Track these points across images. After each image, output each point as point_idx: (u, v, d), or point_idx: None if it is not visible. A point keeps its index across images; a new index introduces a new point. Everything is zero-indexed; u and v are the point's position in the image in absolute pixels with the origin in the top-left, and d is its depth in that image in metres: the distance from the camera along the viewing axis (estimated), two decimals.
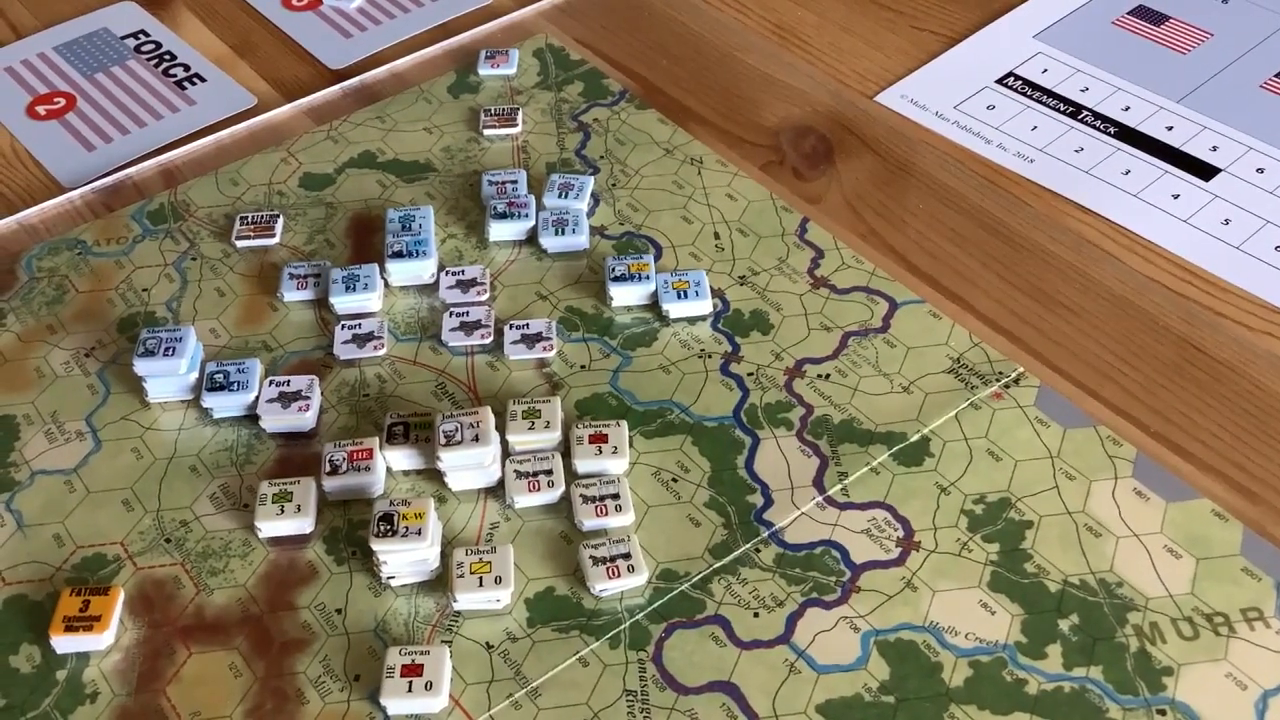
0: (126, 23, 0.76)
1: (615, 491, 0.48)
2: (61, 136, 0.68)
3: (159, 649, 0.45)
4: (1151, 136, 0.65)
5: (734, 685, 0.43)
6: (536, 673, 0.44)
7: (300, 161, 0.65)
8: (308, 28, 0.75)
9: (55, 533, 0.49)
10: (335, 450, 0.49)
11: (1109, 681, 0.43)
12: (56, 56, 0.73)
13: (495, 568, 0.46)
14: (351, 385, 0.54)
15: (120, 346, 0.56)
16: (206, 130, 0.68)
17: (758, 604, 0.46)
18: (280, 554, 0.48)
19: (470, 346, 0.55)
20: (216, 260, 0.60)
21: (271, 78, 0.71)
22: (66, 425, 0.53)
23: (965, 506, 0.48)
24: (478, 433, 0.49)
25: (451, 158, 0.65)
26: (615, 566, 0.46)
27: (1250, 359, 0.54)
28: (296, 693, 0.44)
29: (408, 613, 0.46)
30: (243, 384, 0.52)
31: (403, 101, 0.69)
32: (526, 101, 0.68)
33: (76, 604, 0.45)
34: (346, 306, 0.57)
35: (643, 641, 0.45)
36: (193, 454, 0.51)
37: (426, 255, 0.58)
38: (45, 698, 0.44)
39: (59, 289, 0.59)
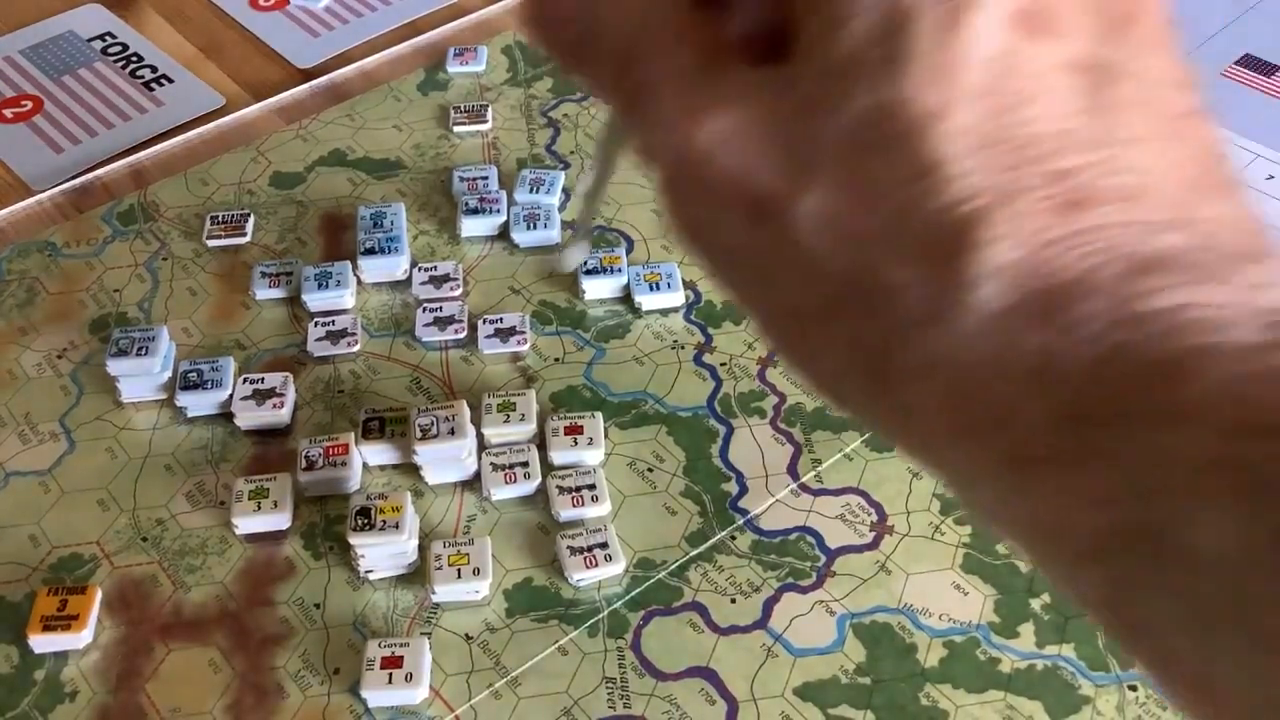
0: (92, 25, 0.75)
1: (591, 482, 0.49)
2: (29, 139, 0.67)
3: (137, 647, 0.45)
4: None
5: (712, 670, 0.44)
6: (516, 662, 0.44)
7: (270, 160, 0.65)
8: (275, 27, 0.75)
9: (31, 533, 0.49)
10: (311, 446, 0.49)
11: (1081, 659, 0.44)
12: (23, 60, 0.73)
13: (473, 559, 0.46)
14: (326, 382, 0.54)
15: (93, 347, 0.56)
16: (175, 131, 0.68)
17: (734, 590, 0.46)
18: (257, 550, 0.48)
19: (444, 341, 0.55)
20: (188, 260, 0.60)
21: (240, 78, 0.71)
22: (40, 426, 0.53)
23: (937, 490, 0.49)
24: (453, 426, 0.49)
25: (422, 155, 0.65)
26: (592, 556, 0.46)
27: None
28: (276, 687, 0.44)
29: (387, 606, 0.46)
30: (216, 382, 0.52)
31: (372, 99, 0.69)
32: (496, 98, 0.68)
33: (54, 604, 0.45)
34: (319, 304, 0.57)
35: (621, 629, 0.45)
36: (168, 453, 0.51)
37: (399, 252, 0.58)
38: (24, 697, 0.44)
39: (30, 291, 0.58)
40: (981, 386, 0.22)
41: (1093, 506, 0.21)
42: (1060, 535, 0.22)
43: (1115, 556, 0.21)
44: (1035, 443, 0.22)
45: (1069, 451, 0.21)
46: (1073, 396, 0.21)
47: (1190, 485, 0.20)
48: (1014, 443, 0.22)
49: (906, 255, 0.22)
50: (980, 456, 0.23)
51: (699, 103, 0.25)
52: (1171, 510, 0.20)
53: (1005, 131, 0.22)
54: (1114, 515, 0.21)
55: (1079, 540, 0.22)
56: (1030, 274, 0.22)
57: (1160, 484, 0.20)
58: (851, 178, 0.23)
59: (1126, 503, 0.21)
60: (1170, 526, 0.20)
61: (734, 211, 0.24)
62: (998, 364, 0.22)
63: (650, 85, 0.26)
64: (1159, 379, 0.20)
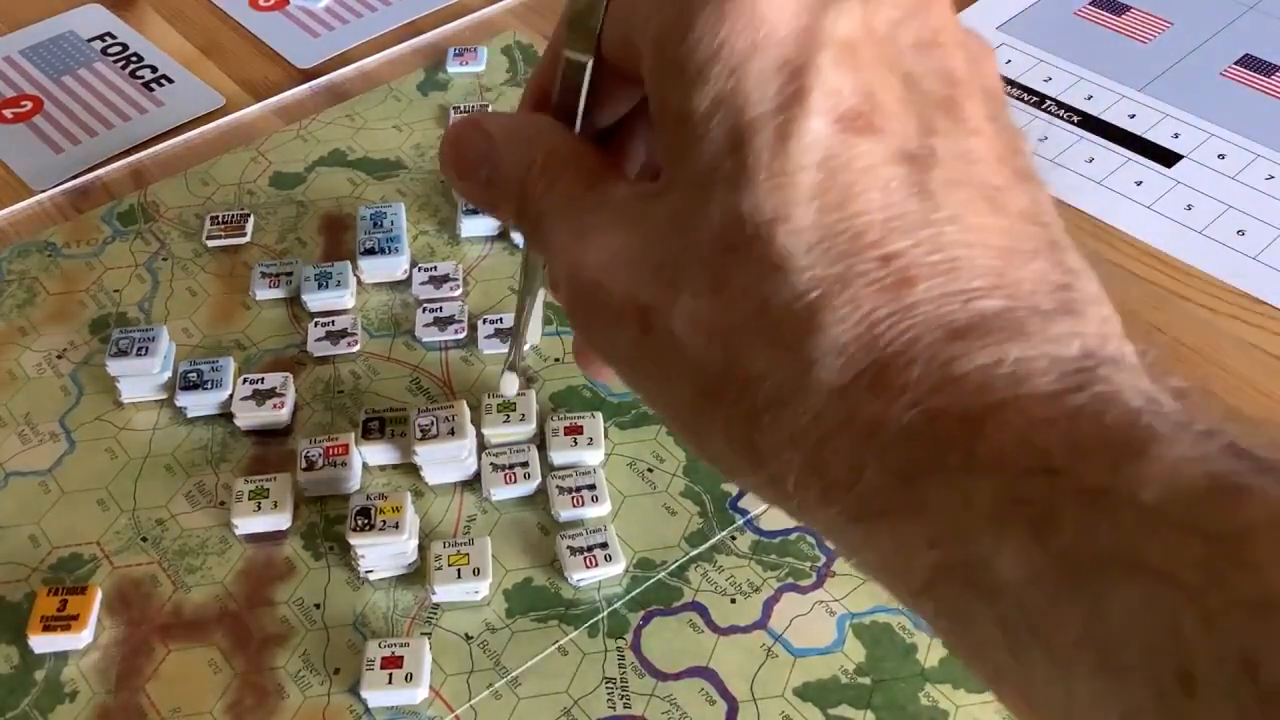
0: (92, 25, 0.75)
1: (591, 482, 0.49)
2: (29, 139, 0.67)
3: (138, 647, 0.45)
4: (1114, 125, 0.66)
5: (712, 670, 0.44)
6: (516, 662, 0.44)
7: (270, 161, 0.65)
8: (275, 27, 0.75)
9: (31, 534, 0.49)
10: (311, 446, 0.50)
11: None
12: (23, 60, 0.73)
13: (473, 559, 0.46)
14: (326, 382, 0.54)
15: (93, 348, 0.56)
16: (175, 131, 0.68)
17: (734, 590, 0.46)
18: (257, 550, 0.48)
19: (444, 341, 0.55)
20: (188, 260, 0.60)
21: (239, 78, 0.71)
22: (40, 427, 0.53)
23: None
24: (453, 426, 0.49)
25: (422, 155, 0.65)
26: (593, 556, 0.46)
27: (1215, 342, 0.55)
28: (276, 687, 0.44)
29: (387, 606, 0.46)
30: (216, 382, 0.52)
31: (372, 100, 0.69)
32: (496, 98, 0.68)
33: (54, 604, 0.45)
34: (319, 304, 0.57)
35: (621, 629, 0.45)
36: (168, 453, 0.51)
37: (399, 252, 0.58)
38: (24, 698, 0.44)
39: (30, 291, 0.58)
40: (832, 455, 0.25)
41: (922, 551, 0.24)
42: (902, 576, 0.25)
43: (944, 591, 0.24)
44: (876, 500, 0.24)
45: (902, 505, 0.24)
46: (901, 457, 0.24)
47: (991, 524, 0.22)
48: (860, 501, 0.25)
49: (764, 344, 0.25)
50: (837, 516, 0.25)
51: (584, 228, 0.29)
52: (980, 547, 0.23)
53: (839, 225, 0.25)
54: (940, 556, 0.23)
55: (914, 579, 0.24)
56: (864, 351, 0.24)
57: (970, 525, 0.23)
58: (714, 281, 0.26)
59: (948, 544, 0.23)
60: (980, 561, 0.23)
61: (626, 325, 0.28)
62: (843, 434, 0.24)
63: (545, 216, 0.30)
64: (966, 434, 0.23)
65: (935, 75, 0.27)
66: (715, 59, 0.26)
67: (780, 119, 0.25)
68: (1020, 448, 0.23)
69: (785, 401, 0.25)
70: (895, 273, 0.24)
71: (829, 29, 0.26)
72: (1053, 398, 0.23)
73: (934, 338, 0.24)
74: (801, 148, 0.25)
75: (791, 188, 0.25)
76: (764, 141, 0.25)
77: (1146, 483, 0.21)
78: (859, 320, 0.24)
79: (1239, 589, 0.19)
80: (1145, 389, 0.23)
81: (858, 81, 0.26)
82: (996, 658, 0.23)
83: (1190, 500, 0.21)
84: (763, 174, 0.25)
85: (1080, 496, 0.22)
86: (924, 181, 0.25)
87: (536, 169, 0.30)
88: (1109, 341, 0.25)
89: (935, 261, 0.25)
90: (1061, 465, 0.22)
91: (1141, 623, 0.20)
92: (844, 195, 0.25)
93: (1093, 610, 0.21)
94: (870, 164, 0.25)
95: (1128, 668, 0.21)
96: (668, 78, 0.27)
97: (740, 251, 0.25)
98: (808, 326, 0.25)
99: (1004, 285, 0.25)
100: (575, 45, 0.30)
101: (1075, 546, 0.21)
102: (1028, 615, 0.22)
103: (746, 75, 0.25)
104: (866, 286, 0.24)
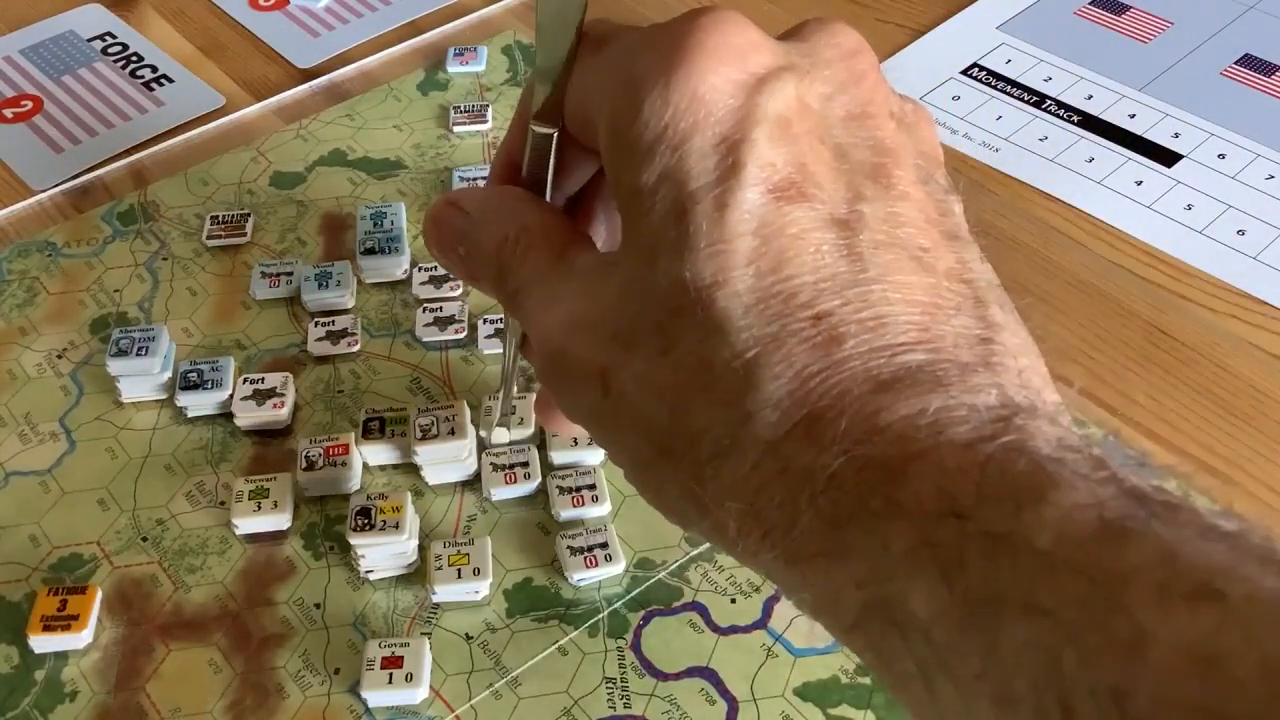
0: (92, 25, 0.75)
1: (591, 482, 0.49)
2: (29, 139, 0.67)
3: (138, 647, 0.45)
4: (1114, 124, 0.66)
5: (712, 670, 0.44)
6: (516, 662, 0.44)
7: (270, 160, 0.65)
8: (275, 27, 0.75)
9: (31, 533, 0.49)
10: (311, 446, 0.49)
11: None
12: (23, 59, 0.73)
13: (473, 559, 0.46)
14: (326, 381, 0.54)
15: (93, 347, 0.56)
16: (175, 131, 0.68)
17: (734, 590, 0.46)
18: (258, 550, 0.48)
19: (444, 341, 0.55)
20: (188, 260, 0.60)
21: (240, 78, 0.71)
22: (40, 426, 0.53)
23: None
24: (453, 426, 0.49)
25: (422, 155, 0.65)
26: (593, 556, 0.46)
27: (1215, 341, 0.55)
28: (277, 687, 0.44)
29: (387, 606, 0.46)
30: (216, 382, 0.52)
31: (372, 99, 0.69)
32: (496, 98, 0.68)
33: (54, 604, 0.45)
34: (319, 303, 0.57)
35: (621, 629, 0.45)
36: (168, 453, 0.51)
37: (399, 252, 0.58)
38: (24, 697, 0.44)
39: (30, 291, 0.58)
40: (769, 504, 0.26)
41: (850, 590, 0.25)
42: (834, 614, 0.26)
43: (868, 628, 0.25)
44: (809, 544, 0.26)
45: (831, 548, 0.25)
46: (830, 503, 0.25)
47: (907, 564, 0.24)
48: (795, 545, 0.26)
49: (707, 401, 0.27)
50: (775, 560, 0.27)
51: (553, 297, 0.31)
52: (897, 586, 0.24)
53: (774, 288, 0.27)
54: (864, 595, 0.25)
55: (845, 617, 0.26)
56: (797, 405, 0.26)
57: (889, 567, 0.24)
58: (663, 344, 0.28)
59: (872, 584, 0.25)
60: (897, 599, 0.24)
61: (589, 387, 0.29)
62: (778, 484, 0.26)
63: (520, 289, 0.32)
64: (887, 481, 0.25)
65: (866, 145, 0.29)
66: (660, 139, 0.28)
67: (718, 190, 0.27)
68: (935, 494, 0.24)
69: (726, 454, 0.27)
70: (825, 330, 0.26)
71: (763, 107, 0.28)
72: (968, 446, 0.24)
73: (861, 390, 0.26)
74: (738, 217, 0.27)
75: (729, 254, 0.27)
76: (704, 212, 0.27)
77: (1043, 527, 0.22)
78: (793, 376, 0.26)
79: (1113, 628, 0.21)
80: (1057, 436, 0.25)
81: (790, 154, 0.28)
82: (914, 690, 0.25)
83: (1079, 544, 0.22)
84: (703, 242, 0.27)
85: (984, 540, 0.23)
86: (853, 244, 0.27)
87: (510, 243, 0.33)
88: (1026, 391, 0.26)
89: (863, 319, 0.26)
90: (969, 510, 0.23)
91: (1030, 657, 0.22)
92: (778, 260, 0.27)
93: (991, 646, 0.22)
94: (802, 230, 0.27)
95: (1018, 698, 0.22)
96: (620, 156, 0.29)
97: (685, 315, 0.27)
98: (746, 383, 0.26)
99: (928, 340, 0.26)
100: (540, 119, 0.33)
101: (977, 587, 0.23)
102: (937, 650, 0.24)
103: (688, 152, 0.28)
104: (799, 344, 0.26)
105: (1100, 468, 0.24)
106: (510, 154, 0.36)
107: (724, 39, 0.29)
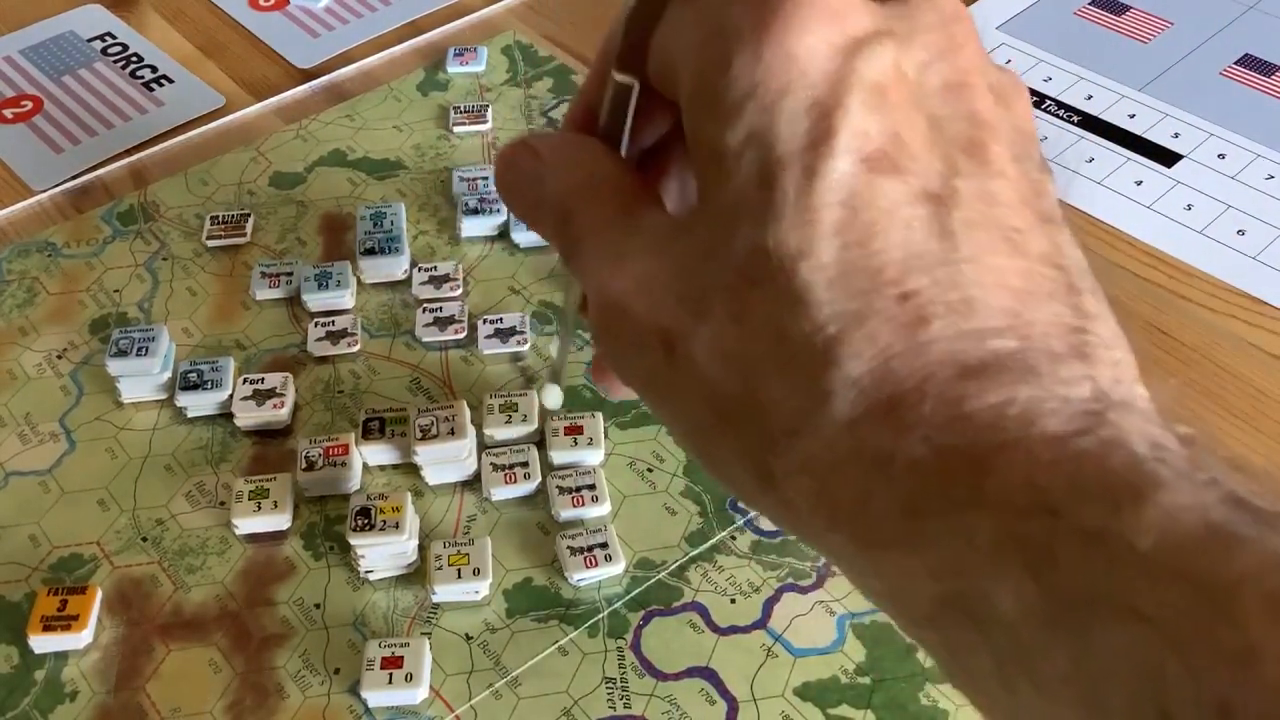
0: (92, 25, 0.75)
1: (591, 482, 0.49)
2: (29, 139, 0.67)
3: (138, 647, 0.45)
4: (1114, 125, 0.66)
5: (712, 670, 0.44)
6: (516, 662, 0.44)
7: (270, 160, 0.65)
8: (275, 27, 0.75)
9: (31, 534, 0.49)
10: (311, 446, 0.49)
11: None
12: (23, 60, 0.73)
13: (473, 559, 0.46)
14: (326, 382, 0.54)
15: (93, 347, 0.56)
16: (175, 131, 0.68)
17: (734, 590, 0.46)
18: (257, 550, 0.48)
19: (444, 342, 0.55)
20: (188, 260, 0.60)
21: (239, 78, 0.71)
22: (40, 426, 0.53)
23: None
24: (453, 426, 0.49)
25: (422, 155, 0.65)
26: (593, 556, 0.46)
27: (1215, 341, 0.55)
28: (276, 687, 0.44)
29: (387, 606, 0.46)
30: (216, 382, 0.52)
31: (372, 100, 0.69)
32: (496, 98, 0.68)
33: (54, 604, 0.45)
34: (319, 304, 0.57)
35: (621, 629, 0.45)
36: (168, 453, 0.51)
37: (399, 252, 0.58)
38: (24, 697, 0.44)
39: (30, 291, 0.58)
40: (842, 484, 0.25)
41: (926, 582, 0.24)
42: (905, 605, 0.26)
43: (944, 622, 0.25)
44: (883, 530, 0.25)
45: (908, 537, 0.25)
46: (908, 490, 0.24)
47: (990, 560, 0.23)
48: (868, 530, 0.25)
49: (781, 374, 0.26)
50: (845, 543, 0.26)
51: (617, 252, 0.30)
52: (979, 582, 0.23)
53: (859, 263, 0.26)
54: (941, 588, 0.24)
55: (917, 608, 0.25)
56: (878, 386, 0.25)
57: (971, 560, 0.24)
58: (737, 310, 0.27)
59: (949, 577, 0.24)
60: (978, 595, 0.23)
61: (649, 348, 0.29)
62: (853, 465, 0.25)
63: (582, 238, 0.31)
64: (972, 472, 0.24)
65: (962, 117, 0.28)
66: (749, 97, 0.26)
67: (808, 157, 0.26)
68: (1024, 488, 0.23)
69: (799, 430, 0.26)
70: (911, 310, 0.25)
71: (859, 72, 0.26)
72: (1059, 440, 0.23)
73: (947, 375, 0.25)
74: (827, 186, 0.26)
75: (816, 224, 0.26)
76: (791, 178, 0.26)
77: (1143, 528, 0.21)
78: (874, 355, 0.25)
79: (1220, 639, 0.20)
80: (1152, 434, 0.24)
81: (884, 123, 0.26)
82: (989, 688, 0.24)
83: (1184, 548, 0.21)
84: (789, 209, 0.26)
85: (1078, 537, 0.22)
86: (945, 222, 0.26)
87: (579, 191, 0.31)
88: (1120, 385, 0.25)
89: (952, 300, 0.25)
90: (1062, 506, 0.22)
91: (1127, 664, 0.21)
92: (866, 233, 0.26)
93: (1082, 648, 0.22)
94: (893, 203, 0.26)
95: (1110, 706, 0.21)
96: (704, 112, 0.28)
97: (763, 284, 0.26)
98: (825, 360, 0.25)
99: (1018, 326, 0.25)
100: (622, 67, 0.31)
101: (1069, 585, 0.22)
102: (1020, 649, 0.23)
103: (778, 114, 0.26)
104: (883, 323, 0.25)
105: (1198, 468, 0.23)
106: (587, 100, 0.34)
107: None
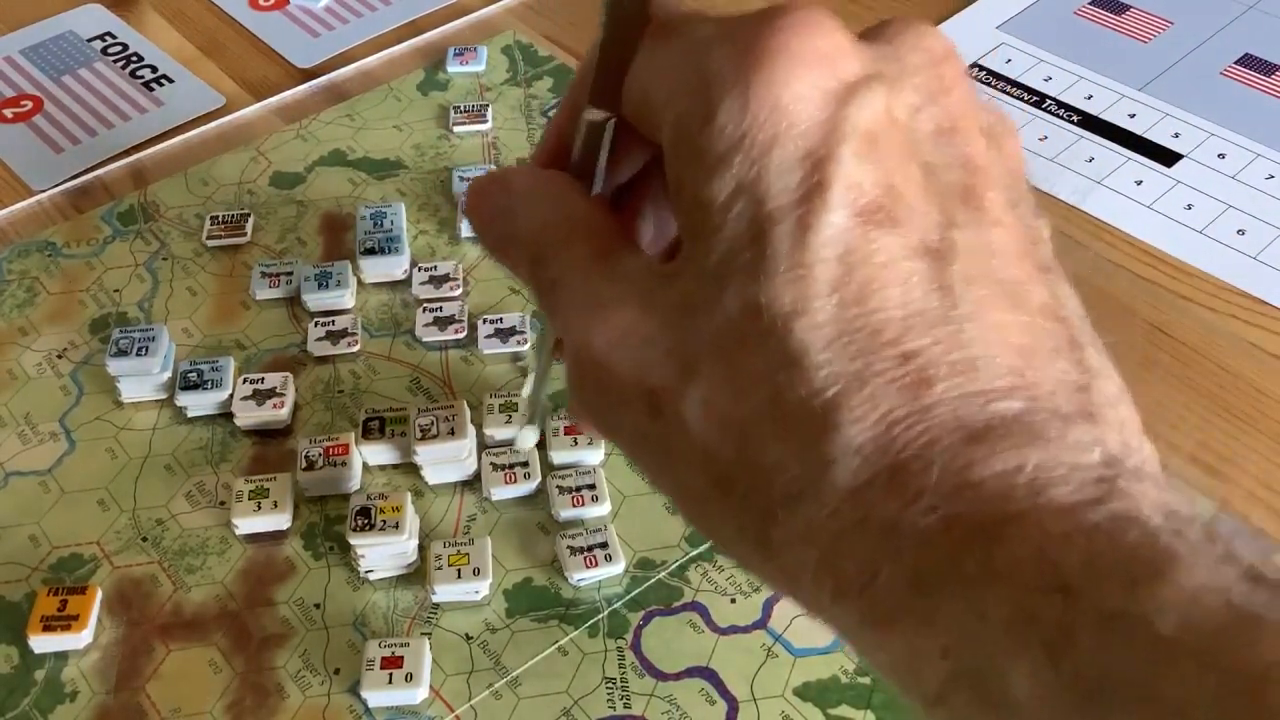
0: (92, 25, 0.75)
1: (591, 482, 0.49)
2: (29, 139, 0.67)
3: (138, 647, 0.45)
4: (1114, 124, 0.66)
5: (712, 670, 0.44)
6: (516, 662, 0.44)
7: (270, 160, 0.65)
8: (275, 27, 0.75)
9: (31, 534, 0.49)
10: (311, 446, 0.49)
11: None
12: (23, 60, 0.73)
13: (473, 559, 0.46)
14: (326, 382, 0.54)
15: (93, 347, 0.56)
16: (175, 131, 0.68)
17: (734, 590, 0.46)
18: (257, 550, 0.48)
19: (444, 341, 0.55)
20: (188, 260, 0.60)
21: (240, 77, 0.71)
22: (40, 426, 0.53)
23: None
24: (453, 426, 0.49)
25: (422, 155, 0.65)
26: (593, 556, 0.46)
27: (1215, 341, 0.55)
28: (276, 687, 0.44)
29: (387, 606, 0.46)
30: (216, 382, 0.52)
31: (372, 99, 0.69)
32: (496, 98, 0.68)
33: (54, 604, 0.45)
34: (319, 304, 0.57)
35: (621, 629, 0.45)
36: (168, 453, 0.51)
37: (399, 251, 0.58)
38: (24, 697, 0.44)
39: (30, 291, 0.58)
40: (847, 555, 0.24)
41: (936, 660, 0.23)
42: (914, 682, 0.24)
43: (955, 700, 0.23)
44: (889, 604, 0.24)
45: (916, 612, 0.23)
46: (916, 562, 0.23)
47: (1004, 638, 0.22)
48: (874, 603, 0.24)
49: (779, 438, 0.25)
50: (849, 616, 0.25)
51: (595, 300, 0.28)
52: (992, 661, 0.22)
53: (857, 321, 0.24)
54: (952, 665, 0.23)
55: (928, 687, 0.24)
56: (881, 452, 0.24)
57: (985, 638, 0.22)
58: (728, 371, 0.25)
59: (961, 654, 0.23)
60: (992, 674, 0.22)
61: (633, 406, 0.27)
62: (858, 535, 0.24)
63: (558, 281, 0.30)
64: (982, 544, 0.23)
65: (956, 164, 0.27)
66: (737, 149, 0.26)
67: (801, 211, 0.25)
68: (1037, 563, 0.22)
69: (800, 498, 0.25)
70: (914, 372, 0.24)
71: (851, 120, 0.25)
72: (1071, 510, 0.23)
73: (952, 440, 0.24)
74: (821, 241, 0.25)
75: (811, 281, 0.25)
76: (784, 233, 0.25)
77: (1164, 610, 0.21)
78: (877, 420, 0.24)
79: None
80: (1165, 503, 0.23)
81: (878, 174, 0.26)
82: None
83: (1208, 632, 0.20)
84: (782, 265, 0.25)
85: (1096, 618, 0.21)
86: (944, 277, 0.25)
87: (552, 229, 0.30)
88: (1128, 448, 0.25)
89: (954, 361, 0.24)
90: (1077, 585, 0.22)
91: None
92: (863, 290, 0.25)
93: None
94: (890, 258, 0.25)
95: None
96: (688, 161, 0.27)
97: (756, 342, 0.25)
98: (825, 424, 0.24)
99: (1024, 386, 0.24)
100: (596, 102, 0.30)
101: (1088, 669, 0.21)
102: None
103: (768, 166, 0.25)
104: (885, 385, 0.24)
105: (1213, 540, 0.22)
106: (560, 133, 0.33)
107: (809, 41, 0.26)
